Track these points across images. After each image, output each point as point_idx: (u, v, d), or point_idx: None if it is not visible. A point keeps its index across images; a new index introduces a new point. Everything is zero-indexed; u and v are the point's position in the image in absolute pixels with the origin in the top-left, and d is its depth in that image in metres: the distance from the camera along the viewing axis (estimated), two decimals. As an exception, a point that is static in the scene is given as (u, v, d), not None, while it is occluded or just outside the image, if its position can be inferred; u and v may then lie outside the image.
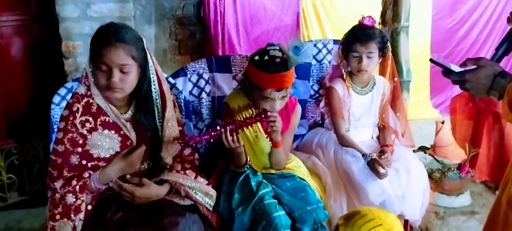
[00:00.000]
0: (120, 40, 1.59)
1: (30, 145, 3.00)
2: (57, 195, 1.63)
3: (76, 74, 2.87)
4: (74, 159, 1.66)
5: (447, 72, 1.40)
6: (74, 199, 1.62)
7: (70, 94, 1.99)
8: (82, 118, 1.66)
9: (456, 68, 1.39)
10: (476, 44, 4.70)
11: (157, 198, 1.73)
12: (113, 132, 1.71)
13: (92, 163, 1.70)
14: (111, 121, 1.70)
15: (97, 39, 1.62)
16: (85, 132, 1.66)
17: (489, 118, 2.94)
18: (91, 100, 1.66)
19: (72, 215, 1.61)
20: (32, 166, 3.03)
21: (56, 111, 2.00)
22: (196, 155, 1.97)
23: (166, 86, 1.82)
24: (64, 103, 1.97)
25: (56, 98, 2.01)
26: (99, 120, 1.68)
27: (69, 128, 1.65)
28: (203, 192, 1.82)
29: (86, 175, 1.66)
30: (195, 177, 1.82)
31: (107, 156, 1.71)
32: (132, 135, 1.74)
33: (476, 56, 4.64)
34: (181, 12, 3.69)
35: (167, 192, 1.77)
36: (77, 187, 1.63)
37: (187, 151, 1.92)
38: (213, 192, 1.87)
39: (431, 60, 1.42)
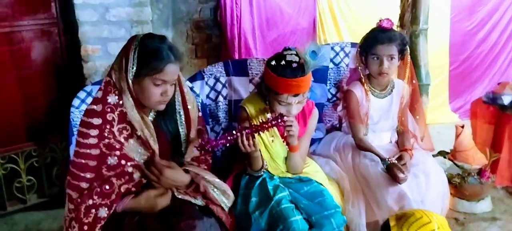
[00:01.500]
0: (178, 57, 1.69)
1: (49, 148, 3.04)
2: (89, 202, 1.64)
3: (95, 77, 2.90)
4: (112, 160, 1.69)
5: (503, 107, 1.42)
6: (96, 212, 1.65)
7: (90, 98, 2.02)
8: (120, 126, 1.68)
9: (507, 99, 1.43)
10: (496, 47, 4.62)
11: (181, 184, 1.75)
12: (143, 142, 1.73)
13: (132, 163, 1.72)
14: (139, 134, 1.71)
15: (154, 55, 1.63)
16: (122, 139, 1.69)
17: (510, 122, 2.88)
18: (124, 110, 1.68)
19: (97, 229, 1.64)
20: (51, 168, 3.07)
21: (76, 115, 2.01)
22: (210, 158, 1.98)
23: (186, 88, 1.85)
24: (83, 106, 1.99)
25: (76, 102, 2.03)
26: (133, 130, 1.71)
27: (106, 134, 1.66)
28: (220, 190, 1.82)
29: (113, 196, 1.66)
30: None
31: (141, 161, 1.74)
32: (156, 147, 1.74)
33: (496, 59, 4.61)
34: (198, 16, 3.71)
35: (188, 184, 1.78)
36: (104, 202, 1.65)
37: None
38: (230, 192, 1.86)
39: (484, 102, 1.45)
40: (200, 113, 1.94)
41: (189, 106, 1.84)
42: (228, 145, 1.82)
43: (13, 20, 2.86)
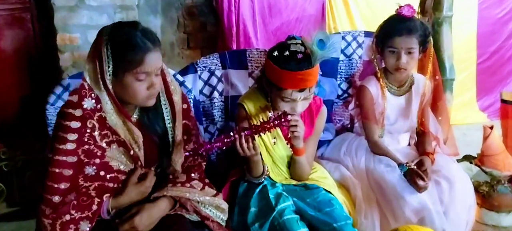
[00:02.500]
0: (156, 42, 1.67)
1: (21, 150, 3.04)
2: (66, 217, 1.63)
3: (73, 70, 2.91)
4: (90, 170, 1.69)
5: None
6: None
7: (67, 93, 2.03)
8: (101, 132, 1.69)
9: None
10: (530, 37, 4.63)
11: (162, 215, 1.75)
12: (125, 149, 1.74)
13: (111, 175, 1.73)
14: (122, 140, 1.72)
15: (128, 46, 1.61)
16: (104, 145, 1.70)
17: (546, 123, 2.89)
18: (103, 115, 1.68)
19: None
20: (23, 174, 3.07)
21: (51, 112, 2.02)
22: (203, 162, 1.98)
23: (170, 77, 1.85)
24: (60, 103, 2.00)
25: (52, 98, 2.04)
26: (114, 136, 1.71)
27: (86, 139, 1.67)
28: (213, 206, 1.83)
29: (94, 207, 1.66)
30: (202, 188, 1.83)
31: (127, 170, 1.76)
32: (141, 154, 1.76)
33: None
34: (190, 1, 3.71)
35: (173, 204, 1.78)
36: (84, 215, 1.65)
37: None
38: (224, 205, 1.87)
39: None
40: (186, 106, 1.92)
41: (175, 98, 1.84)
42: (224, 148, 1.83)
43: (-21, 4, 2.88)
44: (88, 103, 1.66)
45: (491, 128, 2.77)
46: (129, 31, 1.64)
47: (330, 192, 2.06)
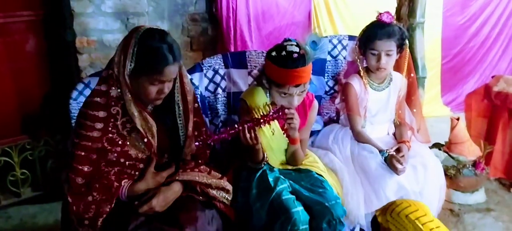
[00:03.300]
0: (178, 57, 1.65)
1: (43, 141, 3.00)
2: (89, 198, 1.62)
3: (90, 70, 2.87)
4: (112, 156, 1.67)
5: None
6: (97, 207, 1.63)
7: (88, 90, 2.00)
8: (123, 119, 1.67)
9: None
10: (488, 41, 4.66)
11: (176, 197, 1.73)
12: (141, 137, 1.72)
13: (130, 162, 1.71)
14: (138, 128, 1.70)
15: (153, 56, 1.59)
16: (125, 133, 1.68)
17: (504, 115, 2.92)
18: (125, 104, 1.66)
19: (99, 222, 1.62)
20: (45, 162, 3.03)
21: (74, 106, 1.99)
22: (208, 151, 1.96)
23: (187, 79, 1.83)
24: (81, 98, 1.97)
25: (74, 93, 2.00)
26: (134, 123, 1.69)
27: (110, 128, 1.65)
28: (219, 188, 1.82)
29: (113, 190, 1.64)
30: (209, 172, 1.82)
31: (144, 157, 1.73)
32: (154, 142, 1.73)
33: (487, 53, 4.65)
34: (193, 8, 3.67)
35: (184, 187, 1.77)
36: (105, 197, 1.63)
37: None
38: (229, 187, 1.86)
39: None
40: (197, 105, 1.90)
41: (188, 98, 1.82)
42: (230, 138, 1.81)
43: (7, 11, 2.81)
44: (115, 92, 1.65)
45: (458, 119, 2.79)
46: (158, 41, 1.61)
47: (321, 175, 2.06)
